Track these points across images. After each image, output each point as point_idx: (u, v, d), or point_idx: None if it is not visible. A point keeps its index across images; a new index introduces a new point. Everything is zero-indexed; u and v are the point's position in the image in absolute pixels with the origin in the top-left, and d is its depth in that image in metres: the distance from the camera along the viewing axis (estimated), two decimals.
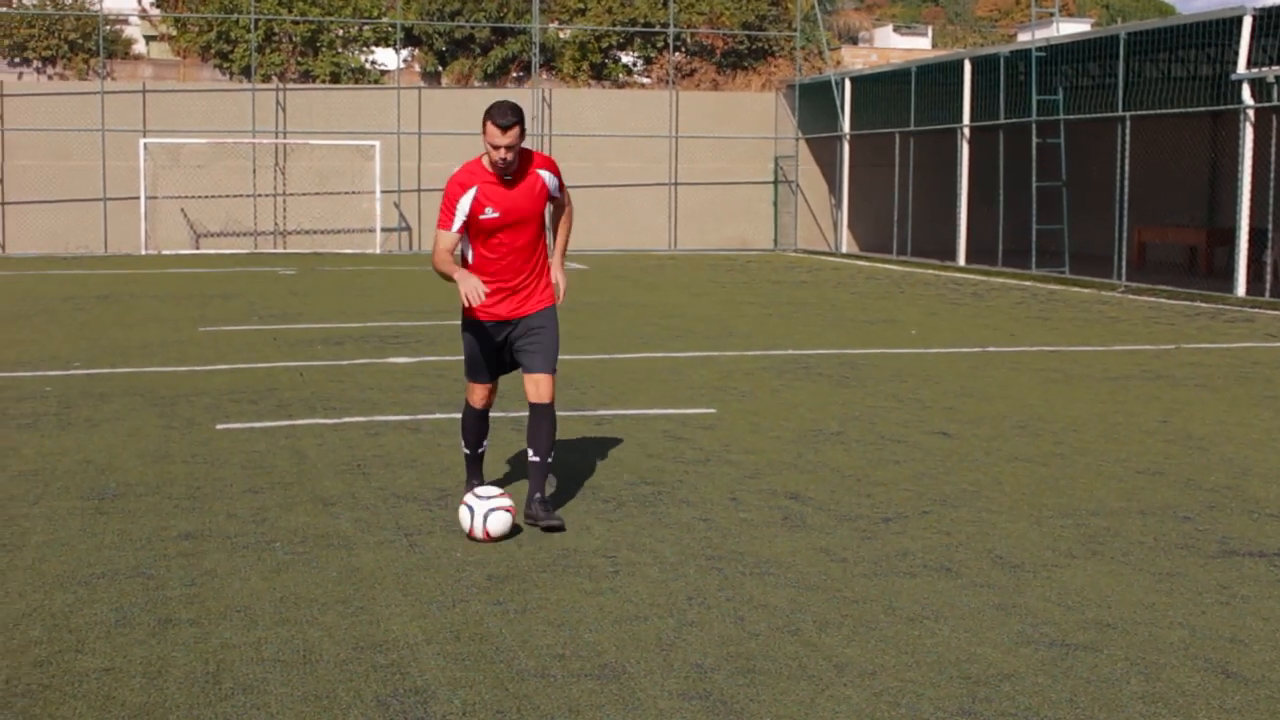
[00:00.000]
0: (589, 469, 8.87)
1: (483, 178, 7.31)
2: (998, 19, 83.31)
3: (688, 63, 42.18)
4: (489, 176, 7.30)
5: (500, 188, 7.29)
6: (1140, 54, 27.64)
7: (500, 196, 7.29)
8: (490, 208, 7.27)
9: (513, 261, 7.41)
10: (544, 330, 7.49)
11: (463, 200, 7.28)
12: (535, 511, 7.32)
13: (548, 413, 7.43)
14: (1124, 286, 24.92)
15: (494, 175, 7.28)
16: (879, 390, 12.37)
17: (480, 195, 7.27)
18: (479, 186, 7.29)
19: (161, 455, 9.23)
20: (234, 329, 16.93)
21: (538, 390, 7.42)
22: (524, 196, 7.35)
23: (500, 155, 7.15)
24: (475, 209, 7.27)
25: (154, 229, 33.52)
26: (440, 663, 5.31)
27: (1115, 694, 5.05)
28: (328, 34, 40.55)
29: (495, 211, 7.27)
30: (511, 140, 7.13)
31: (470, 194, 7.27)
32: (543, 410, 7.42)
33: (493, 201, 7.27)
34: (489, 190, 7.28)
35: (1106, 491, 8.39)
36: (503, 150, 7.14)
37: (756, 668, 5.29)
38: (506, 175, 7.26)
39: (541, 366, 7.44)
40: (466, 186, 7.29)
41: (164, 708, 4.84)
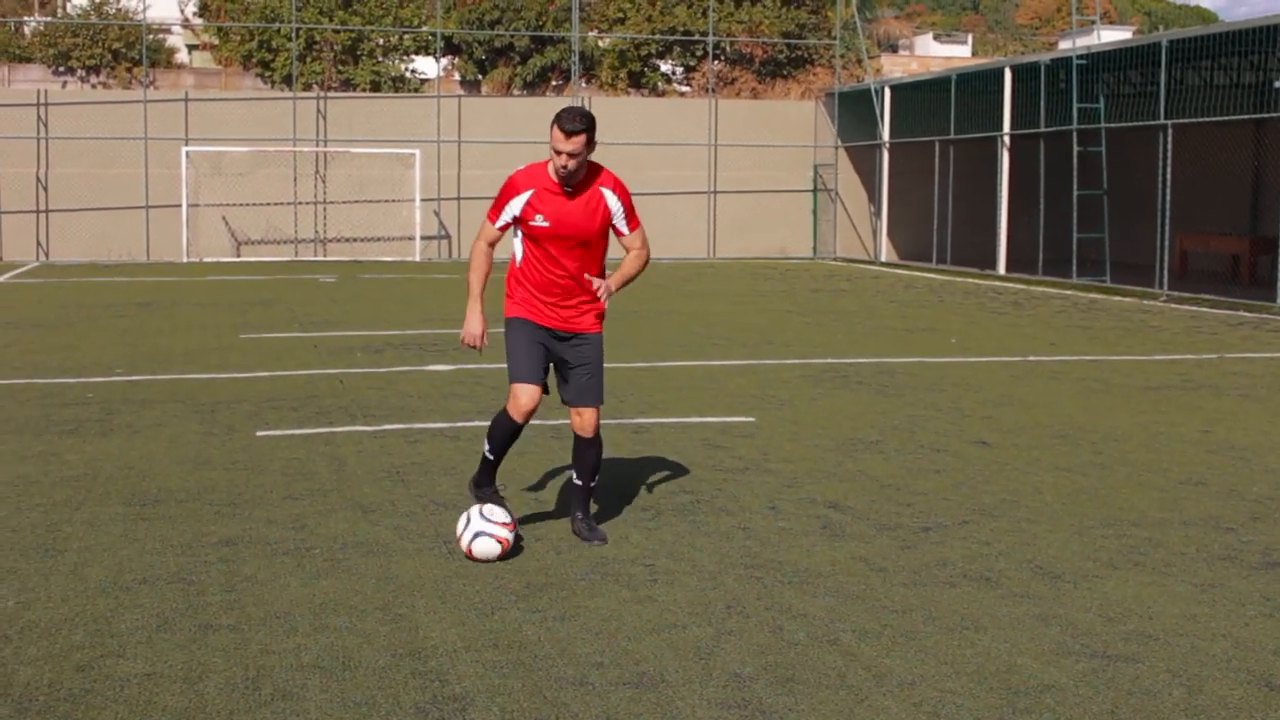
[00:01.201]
0: (628, 477, 8.87)
1: (543, 183, 6.97)
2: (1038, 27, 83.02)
3: (727, 71, 42.17)
4: (550, 183, 6.96)
5: (559, 198, 6.95)
6: (1182, 62, 27.51)
7: (555, 207, 6.94)
8: (541, 216, 6.94)
9: (558, 278, 7.07)
10: (592, 362, 7.22)
11: (515, 201, 6.99)
12: (579, 529, 7.29)
13: (593, 444, 7.27)
14: (1166, 295, 24.76)
15: (555, 183, 6.94)
16: (918, 399, 12.32)
17: (535, 200, 6.95)
18: (536, 190, 6.96)
19: (202, 461, 9.28)
20: (274, 336, 17.01)
21: (584, 424, 7.22)
22: (579, 212, 6.97)
23: (562, 162, 6.80)
24: (526, 213, 6.98)
25: (195, 236, 33.74)
26: (478, 670, 5.31)
27: (1157, 706, 5.01)
28: (368, 43, 40.71)
29: (545, 221, 6.94)
30: (575, 147, 6.76)
31: (524, 197, 6.97)
32: (587, 442, 7.26)
33: (545, 210, 6.94)
34: (545, 197, 6.95)
35: (1148, 502, 8.33)
36: (564, 157, 6.78)
37: (795, 677, 5.27)
38: (567, 186, 6.91)
39: (590, 400, 7.21)
40: (523, 188, 6.99)
41: (204, 713, 4.86)
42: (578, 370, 7.17)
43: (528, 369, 7.08)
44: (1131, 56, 28.82)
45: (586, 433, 7.21)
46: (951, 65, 47.58)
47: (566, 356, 7.16)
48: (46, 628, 5.76)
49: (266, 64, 40.39)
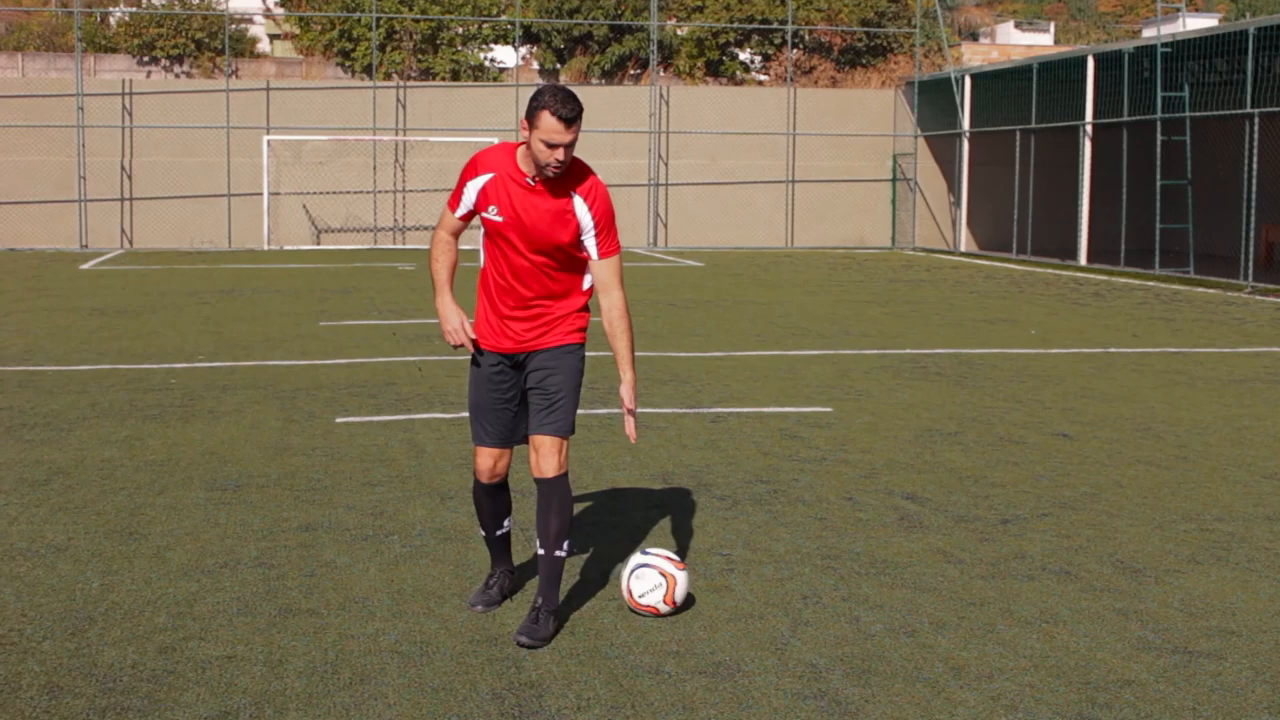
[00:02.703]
0: (705, 467, 8.87)
1: (507, 169, 5.61)
2: (1121, 14, 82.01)
3: (806, 60, 41.99)
4: (515, 171, 5.59)
5: (521, 189, 5.59)
6: (1270, 49, 27.03)
7: (513, 198, 5.60)
8: (496, 208, 5.63)
9: (511, 284, 5.75)
10: (555, 374, 5.71)
11: (469, 186, 5.70)
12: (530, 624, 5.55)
13: (554, 490, 5.63)
14: (1251, 287, 24.40)
15: (521, 172, 5.59)
16: (997, 391, 12.22)
17: (491, 186, 5.64)
18: (496, 176, 5.62)
19: (282, 448, 9.37)
20: (353, 324, 17.14)
21: (539, 461, 5.64)
22: (540, 213, 5.59)
23: (559, 158, 5.44)
24: (480, 203, 5.69)
25: (276, 224, 34.05)
26: (555, 658, 5.33)
27: (1239, 703, 4.94)
28: (447, 32, 40.89)
29: (500, 214, 5.63)
30: (573, 139, 5.43)
31: (481, 181, 5.66)
32: (546, 488, 5.64)
33: (500, 201, 5.62)
34: (503, 186, 5.61)
35: (1231, 496, 8.22)
36: (561, 152, 5.43)
37: (871, 668, 5.25)
38: (533, 178, 5.57)
39: (545, 424, 5.66)
40: (483, 171, 5.67)
41: (283, 696, 4.91)
42: (537, 391, 5.72)
43: (486, 431, 5.87)
44: (1217, 44, 28.40)
45: (546, 472, 5.62)
46: (1033, 53, 47.08)
47: (530, 378, 5.77)
48: (129, 610, 5.84)
49: (347, 53, 40.68)
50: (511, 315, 5.75)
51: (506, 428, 5.83)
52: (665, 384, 12.35)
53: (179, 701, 4.86)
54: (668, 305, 20.04)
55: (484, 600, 5.96)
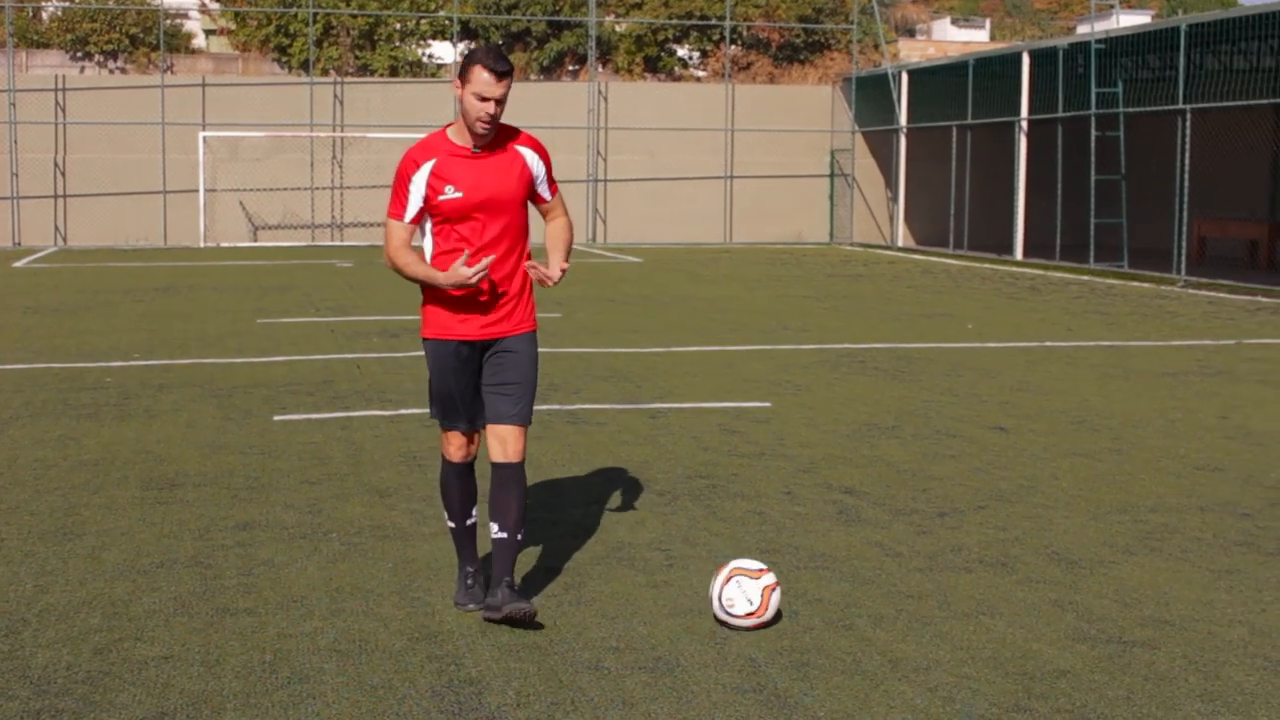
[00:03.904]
0: (644, 463, 8.88)
1: (445, 147, 5.69)
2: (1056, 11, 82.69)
3: (744, 56, 42.08)
4: (453, 147, 5.68)
5: (467, 161, 5.67)
6: (1201, 46, 27.38)
7: (465, 171, 5.66)
8: (452, 186, 5.64)
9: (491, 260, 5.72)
10: (518, 364, 5.83)
11: (416, 178, 5.67)
12: (499, 600, 5.63)
13: (516, 475, 5.76)
14: (1183, 281, 24.68)
15: (461, 147, 5.68)
16: (935, 385, 12.31)
17: (439, 170, 5.65)
18: (438, 159, 5.66)
19: (219, 446, 9.30)
20: (291, 321, 17.05)
21: (504, 447, 5.75)
22: (496, 174, 5.70)
23: (488, 111, 5.55)
24: (432, 189, 5.66)
25: (213, 222, 33.80)
26: (494, 654, 5.32)
27: (1173, 692, 5.00)
28: (385, 28, 40.72)
29: (457, 191, 5.64)
30: (503, 92, 5.54)
31: (425, 169, 5.66)
32: (509, 473, 5.76)
33: (454, 178, 5.64)
34: (451, 164, 5.66)
35: (1165, 488, 8.31)
36: (492, 105, 5.54)
37: (810, 662, 5.27)
38: (478, 146, 5.68)
39: (510, 415, 5.77)
40: (420, 161, 5.67)
41: (221, 695, 4.88)
42: (501, 382, 5.80)
43: (456, 411, 5.87)
44: (1150, 41, 28.71)
45: (508, 457, 5.74)
46: (969, 50, 47.44)
47: (489, 366, 5.84)
48: (64, 610, 5.78)
49: (284, 49, 40.43)
50: (473, 303, 5.77)
51: (474, 410, 5.88)
52: (604, 380, 12.36)
53: (114, 703, 4.82)
54: (607, 301, 20.04)
55: (473, 598, 5.88)
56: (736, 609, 5.58)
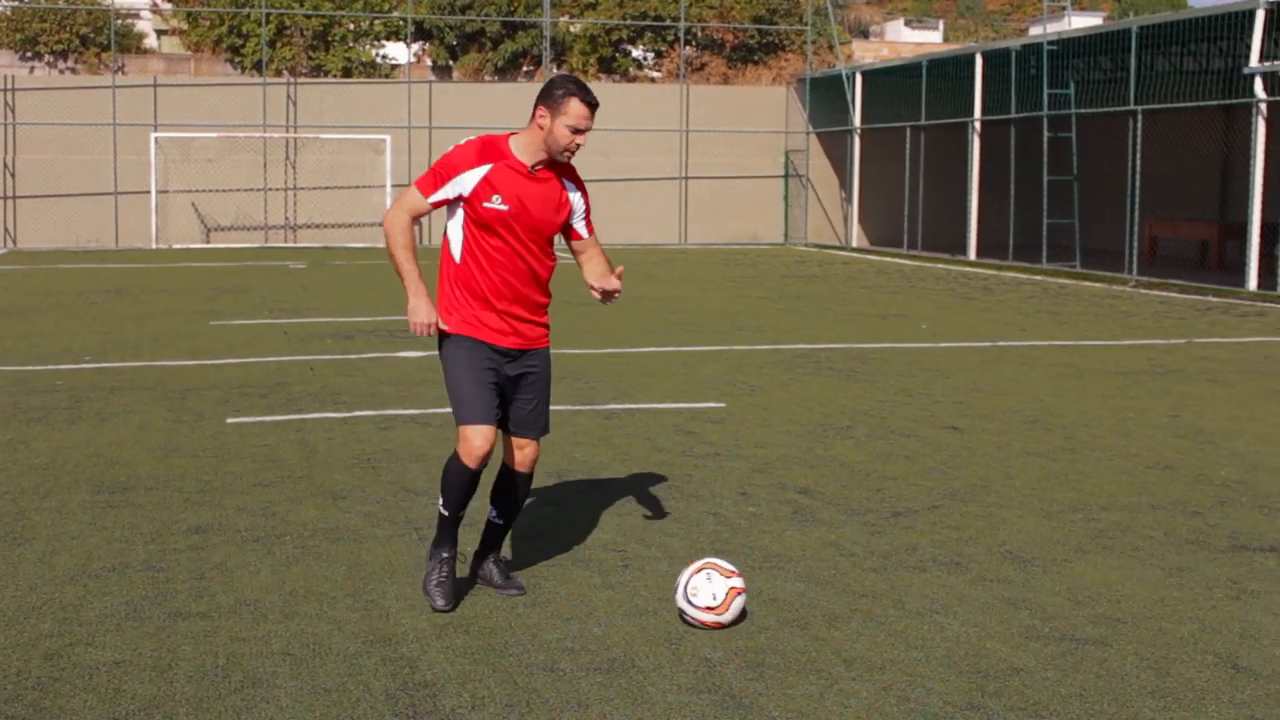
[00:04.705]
0: (600, 464, 8.87)
1: (505, 158, 5.75)
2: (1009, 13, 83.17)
3: (698, 57, 42.13)
4: (513, 160, 5.74)
5: (521, 178, 5.74)
6: (1152, 48, 27.58)
7: (517, 188, 5.72)
8: (500, 197, 5.69)
9: (508, 279, 5.82)
10: (543, 384, 6.05)
11: (467, 175, 5.72)
12: (490, 574, 6.16)
13: (527, 482, 6.16)
14: (1135, 281, 24.86)
15: (519, 162, 5.74)
16: (889, 385, 12.35)
17: (492, 177, 5.70)
18: (495, 166, 5.72)
19: (171, 449, 9.24)
20: (244, 323, 16.95)
21: (524, 459, 6.07)
22: (542, 199, 5.79)
23: (577, 143, 5.71)
24: (480, 192, 5.70)
25: (165, 223, 33.57)
26: (449, 657, 5.31)
27: (1125, 689, 5.04)
28: (339, 28, 40.56)
29: (504, 204, 5.69)
30: (593, 123, 5.73)
31: (480, 171, 5.71)
32: (523, 480, 6.13)
33: (506, 191, 5.70)
34: (505, 175, 5.72)
35: (1117, 486, 8.37)
36: (582, 137, 5.71)
37: (765, 662, 5.28)
38: (534, 167, 5.76)
39: (537, 430, 6.07)
40: (478, 160, 5.73)
41: (173, 701, 4.85)
42: (526, 395, 5.99)
43: (480, 405, 5.79)
44: (1102, 42, 28.91)
45: (526, 468, 6.08)
46: (923, 51, 47.65)
47: (514, 378, 5.96)
48: (14, 616, 5.73)
49: (236, 50, 40.22)
50: (510, 311, 5.86)
51: (494, 401, 5.85)
52: (559, 381, 12.33)
53: (65, 709, 4.78)
54: (562, 302, 19.92)
55: (446, 595, 5.87)
56: (699, 599, 5.60)
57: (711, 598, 5.59)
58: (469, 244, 5.83)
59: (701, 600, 5.60)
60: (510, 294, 5.83)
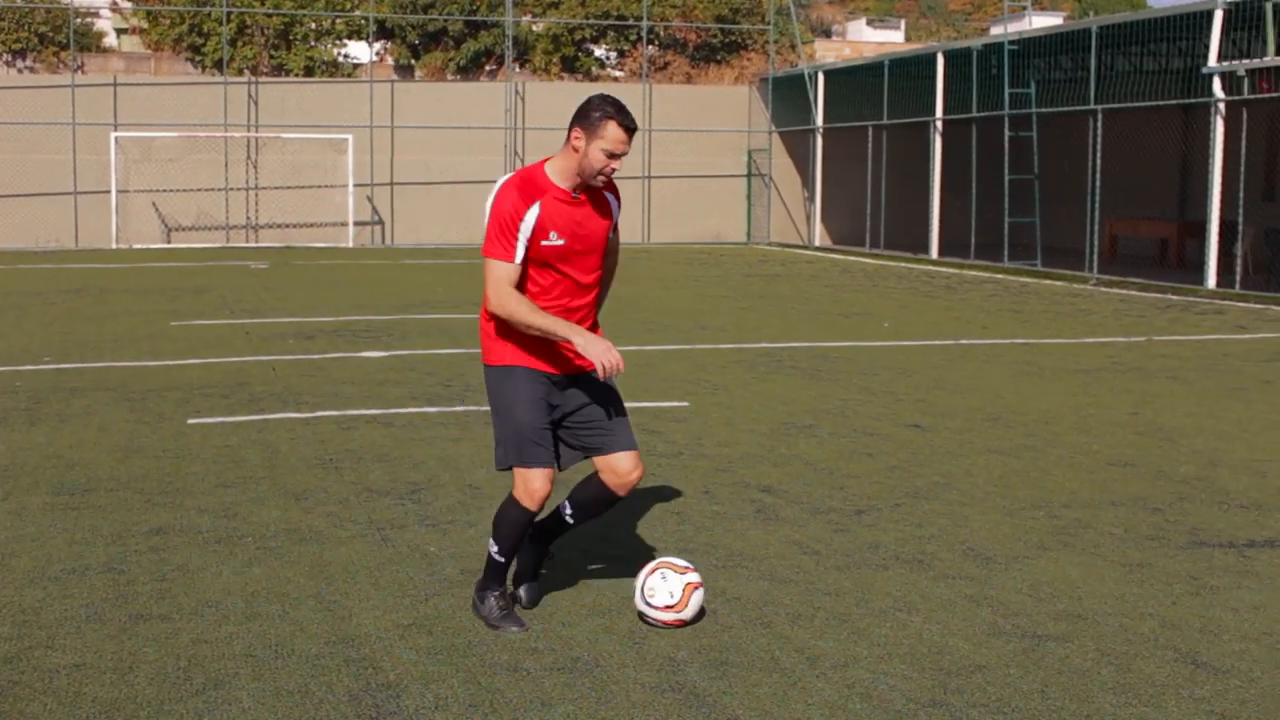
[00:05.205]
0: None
1: (548, 190, 5.51)
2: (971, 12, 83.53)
3: (661, 56, 42.16)
4: (557, 190, 5.52)
5: (569, 206, 5.53)
6: (1112, 47, 27.75)
7: (567, 218, 5.52)
8: (555, 233, 5.49)
9: (568, 303, 5.65)
10: (610, 392, 5.79)
11: (526, 220, 5.44)
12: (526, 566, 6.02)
13: (616, 504, 5.88)
14: (1096, 279, 25.00)
15: (562, 190, 5.52)
16: (852, 383, 12.38)
17: (544, 215, 5.47)
18: (543, 203, 5.48)
19: (132, 450, 9.19)
20: (206, 323, 16.87)
21: (628, 475, 5.70)
22: (591, 219, 5.61)
23: (613, 167, 5.49)
24: (538, 234, 5.47)
25: (125, 223, 33.37)
26: (412, 657, 5.30)
27: (1085, 685, 5.07)
28: (300, 27, 40.40)
29: (560, 238, 5.50)
30: (630, 146, 5.55)
31: (533, 213, 5.45)
32: (617, 501, 5.83)
33: (558, 225, 5.50)
34: (556, 208, 5.50)
35: (1078, 483, 8.42)
36: (619, 161, 5.51)
37: (729, 660, 5.29)
38: (577, 192, 5.56)
39: (629, 439, 5.74)
40: (528, 202, 5.45)
41: (134, 703, 4.82)
42: (599, 409, 5.75)
43: (541, 448, 5.60)
44: (1062, 42, 29.07)
45: (631, 485, 5.75)
46: (884, 50, 47.76)
47: (578, 397, 5.73)
48: None
49: (197, 48, 40.01)
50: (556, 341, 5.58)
51: (551, 440, 5.66)
52: None
53: (25, 713, 4.74)
54: None
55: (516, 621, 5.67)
56: (657, 599, 5.60)
57: (669, 596, 5.60)
58: (534, 278, 5.58)
59: (659, 600, 5.61)
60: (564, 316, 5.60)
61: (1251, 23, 23.03)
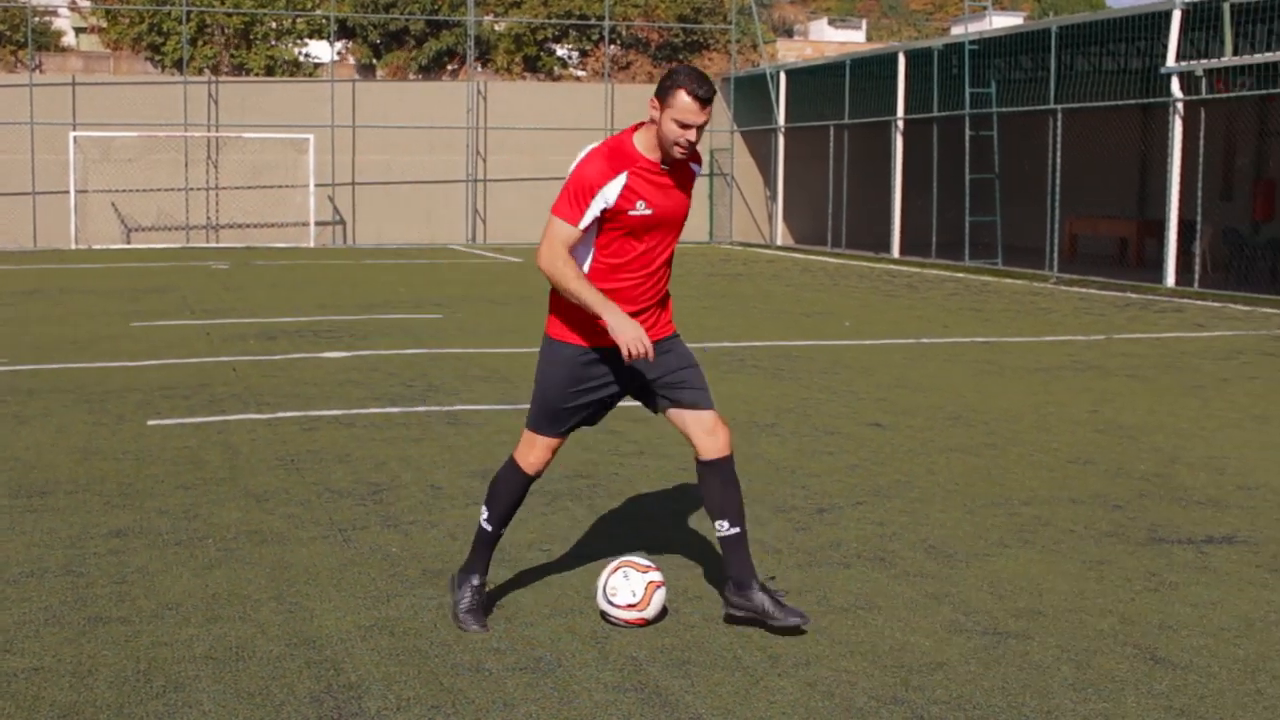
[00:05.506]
0: None
1: (637, 161, 5.47)
2: (932, 12, 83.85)
3: (623, 55, 42.16)
4: (646, 161, 5.48)
5: (659, 178, 5.50)
6: (1072, 47, 27.89)
7: (657, 189, 5.49)
8: (644, 202, 5.45)
9: (646, 276, 5.59)
10: (682, 353, 5.72)
11: (608, 188, 5.40)
12: (762, 605, 5.58)
13: (730, 468, 5.65)
14: (1056, 278, 25.14)
15: (651, 161, 5.49)
16: (813, 382, 12.41)
17: (632, 184, 5.43)
18: (630, 173, 5.44)
19: (91, 452, 9.13)
20: (166, 324, 16.78)
21: (715, 440, 5.62)
22: (677, 192, 5.58)
23: (688, 138, 5.43)
24: (623, 202, 5.42)
25: (84, 223, 33.17)
26: (374, 658, 5.28)
27: (1046, 681, 5.09)
28: (261, 26, 40.23)
29: (648, 208, 5.46)
30: (706, 118, 5.45)
31: (618, 182, 5.41)
32: (726, 466, 5.63)
33: (647, 195, 5.46)
34: (643, 179, 5.46)
35: (1038, 481, 8.46)
36: (692, 132, 5.43)
37: (691, 659, 5.30)
38: (665, 163, 5.51)
39: (709, 401, 5.68)
40: (614, 171, 5.42)
41: (93, 707, 4.79)
42: (679, 371, 5.67)
43: (557, 419, 5.67)
44: (1022, 42, 29.20)
45: (720, 450, 5.61)
46: (846, 50, 47.91)
47: (655, 363, 5.62)
48: None
49: (157, 48, 39.81)
50: (643, 309, 5.59)
51: (573, 419, 5.69)
52: (483, 380, 12.32)
53: None
54: (487, 302, 19.97)
55: (480, 621, 5.65)
56: (619, 598, 5.61)
57: (631, 595, 5.61)
58: (602, 255, 5.53)
59: (622, 599, 5.61)
60: (644, 295, 5.59)
61: (1209, 23, 23.19)
